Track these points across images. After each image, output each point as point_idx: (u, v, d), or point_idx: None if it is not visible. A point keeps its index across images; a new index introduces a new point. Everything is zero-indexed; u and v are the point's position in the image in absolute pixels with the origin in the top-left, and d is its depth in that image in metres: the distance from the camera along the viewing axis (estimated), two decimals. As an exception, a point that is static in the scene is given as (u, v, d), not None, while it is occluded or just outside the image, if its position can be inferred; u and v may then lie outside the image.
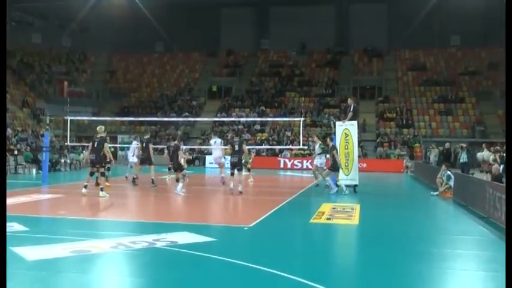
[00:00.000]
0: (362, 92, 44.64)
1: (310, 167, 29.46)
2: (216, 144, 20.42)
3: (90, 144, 14.90)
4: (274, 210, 12.85)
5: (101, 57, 51.63)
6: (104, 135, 15.14)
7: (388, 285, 6.58)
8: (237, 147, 15.78)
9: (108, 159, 15.64)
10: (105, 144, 14.72)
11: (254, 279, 6.60)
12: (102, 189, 14.50)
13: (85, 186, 14.64)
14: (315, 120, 39.48)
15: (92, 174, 15.08)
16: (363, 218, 11.64)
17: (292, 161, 34.75)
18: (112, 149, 26.03)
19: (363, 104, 40.54)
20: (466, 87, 42.79)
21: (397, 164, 33.38)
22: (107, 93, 47.95)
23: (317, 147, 19.18)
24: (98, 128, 15.33)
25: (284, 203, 14.37)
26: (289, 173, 30.91)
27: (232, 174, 15.82)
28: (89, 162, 15.69)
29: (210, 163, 31.22)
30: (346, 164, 17.46)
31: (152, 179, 18.31)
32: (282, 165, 34.62)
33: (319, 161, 18.66)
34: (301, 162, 34.14)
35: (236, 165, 15.74)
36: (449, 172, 16.94)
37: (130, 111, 42.30)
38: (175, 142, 17.16)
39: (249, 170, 22.15)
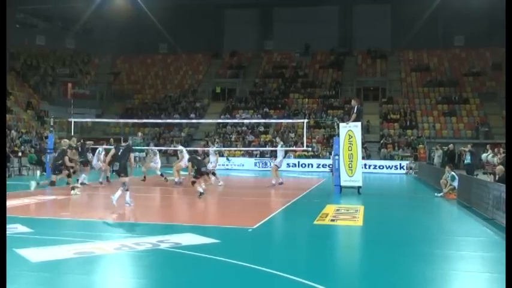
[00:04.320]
0: (366, 93, 44.63)
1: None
2: (212, 152, 20.91)
3: (112, 152, 13.35)
4: (277, 211, 12.85)
5: (105, 59, 51.74)
6: (128, 144, 13.93)
7: (391, 287, 6.58)
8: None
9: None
10: (131, 155, 13.23)
11: (258, 281, 6.60)
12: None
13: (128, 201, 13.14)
14: (319, 121, 39.45)
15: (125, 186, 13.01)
16: (366, 219, 11.63)
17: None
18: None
19: (366, 105, 40.56)
20: (470, 88, 42.71)
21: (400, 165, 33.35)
22: (111, 94, 48.04)
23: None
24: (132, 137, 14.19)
25: (288, 204, 14.36)
26: (292, 174, 30.86)
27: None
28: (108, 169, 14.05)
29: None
30: (350, 165, 17.43)
31: None
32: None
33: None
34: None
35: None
36: (453, 173, 16.89)
37: (134, 113, 42.38)
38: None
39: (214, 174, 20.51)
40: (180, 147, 21.13)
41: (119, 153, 12.98)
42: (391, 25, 47.16)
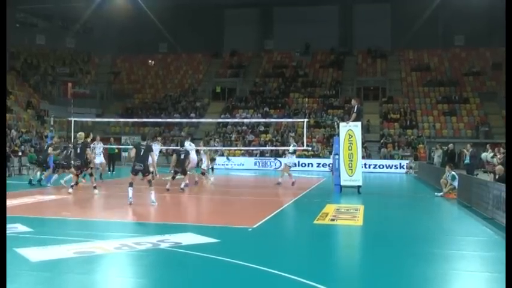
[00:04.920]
0: (366, 93, 44.61)
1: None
2: (203, 152, 21.04)
3: (133, 151, 13.32)
4: (277, 211, 12.85)
5: (105, 58, 51.73)
6: (150, 143, 14.02)
7: (392, 286, 6.58)
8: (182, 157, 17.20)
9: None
10: (152, 154, 13.45)
11: (258, 280, 6.60)
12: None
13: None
14: (319, 121, 39.44)
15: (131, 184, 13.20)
16: (366, 219, 11.63)
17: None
18: (116, 150, 26.29)
19: (366, 105, 40.56)
20: (470, 87, 42.70)
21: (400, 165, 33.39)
22: (111, 94, 48.04)
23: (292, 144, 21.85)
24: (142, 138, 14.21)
25: (288, 204, 14.36)
26: (292, 173, 30.81)
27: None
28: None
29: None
30: (350, 164, 17.43)
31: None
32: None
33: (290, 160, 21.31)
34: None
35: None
36: (453, 172, 16.89)
37: (134, 113, 42.38)
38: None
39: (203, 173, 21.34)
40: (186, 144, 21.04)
41: (141, 153, 13.06)
42: (391, 25, 47.13)
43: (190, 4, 46.62)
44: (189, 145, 20.39)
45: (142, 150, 13.12)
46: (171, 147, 29.47)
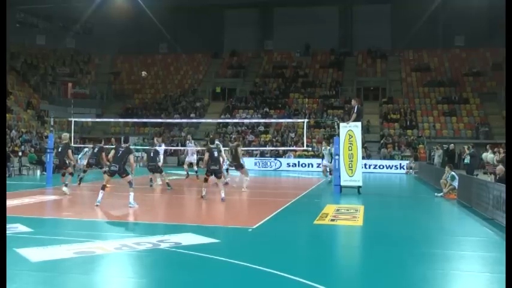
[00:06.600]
0: (366, 93, 44.65)
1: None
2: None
3: (112, 153, 13.30)
4: (278, 211, 12.84)
5: (105, 58, 51.73)
6: (129, 145, 13.67)
7: (392, 286, 6.58)
8: (216, 154, 14.92)
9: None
10: (131, 156, 13.18)
11: (258, 281, 6.60)
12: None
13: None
14: (319, 121, 39.44)
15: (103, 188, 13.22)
16: (367, 219, 11.63)
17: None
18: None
19: (366, 105, 40.58)
20: (470, 88, 42.72)
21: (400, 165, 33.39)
22: (111, 94, 48.06)
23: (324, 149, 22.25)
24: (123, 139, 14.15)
25: (288, 204, 14.35)
26: (292, 173, 30.86)
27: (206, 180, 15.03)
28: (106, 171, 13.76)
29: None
30: (350, 165, 17.42)
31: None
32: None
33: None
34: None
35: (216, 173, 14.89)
36: (453, 173, 16.88)
37: (134, 113, 42.39)
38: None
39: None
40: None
41: (118, 155, 12.96)
42: (391, 25, 47.16)
43: (190, 4, 46.65)
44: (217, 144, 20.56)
45: (120, 151, 12.99)
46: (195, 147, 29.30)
